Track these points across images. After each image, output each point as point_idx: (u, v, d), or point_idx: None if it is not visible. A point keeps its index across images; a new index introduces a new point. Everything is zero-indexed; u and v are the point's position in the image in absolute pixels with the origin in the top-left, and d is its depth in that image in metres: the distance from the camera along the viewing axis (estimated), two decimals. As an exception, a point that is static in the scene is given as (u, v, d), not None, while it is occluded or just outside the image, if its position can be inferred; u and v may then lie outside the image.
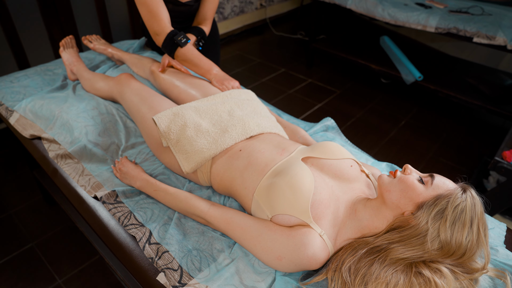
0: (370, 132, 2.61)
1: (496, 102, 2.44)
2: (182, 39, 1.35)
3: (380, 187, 0.87)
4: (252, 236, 0.88)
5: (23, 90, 1.54)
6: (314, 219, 0.84)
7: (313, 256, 0.81)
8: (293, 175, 0.88)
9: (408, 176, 0.84)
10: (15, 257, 1.67)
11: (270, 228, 0.87)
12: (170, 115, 1.15)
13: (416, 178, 0.84)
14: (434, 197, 0.80)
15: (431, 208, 0.78)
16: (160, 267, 0.90)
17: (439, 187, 0.82)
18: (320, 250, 0.81)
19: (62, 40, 1.64)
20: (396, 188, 0.84)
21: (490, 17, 2.41)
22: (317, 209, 0.85)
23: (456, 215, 0.76)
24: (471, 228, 0.76)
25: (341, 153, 0.98)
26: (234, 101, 1.21)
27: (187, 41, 1.35)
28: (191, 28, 1.56)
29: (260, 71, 3.37)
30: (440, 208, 0.77)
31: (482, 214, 0.79)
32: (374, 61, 2.94)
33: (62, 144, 1.26)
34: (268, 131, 1.13)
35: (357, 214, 0.87)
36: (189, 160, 1.08)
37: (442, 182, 0.83)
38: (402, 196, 0.82)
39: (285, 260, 0.83)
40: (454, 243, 0.75)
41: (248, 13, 4.05)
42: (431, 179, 0.83)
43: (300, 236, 0.82)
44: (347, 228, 0.87)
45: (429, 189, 0.82)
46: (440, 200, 0.79)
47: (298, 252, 0.81)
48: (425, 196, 0.81)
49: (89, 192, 1.11)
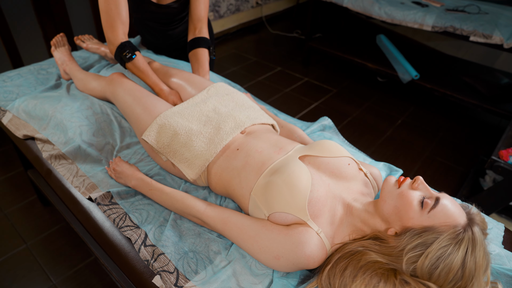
0: (366, 131, 2.61)
1: (492, 101, 2.45)
2: (127, 55, 1.33)
3: (381, 192, 0.85)
4: (249, 235, 0.88)
5: (16, 90, 1.51)
6: (311, 217, 0.84)
7: (311, 254, 0.80)
8: (290, 173, 0.88)
9: (410, 192, 0.79)
10: (9, 258, 1.65)
11: (268, 228, 0.86)
12: (157, 128, 1.14)
13: (418, 197, 0.78)
14: (422, 228, 0.75)
15: (414, 238, 0.74)
16: (156, 269, 0.89)
17: (436, 217, 0.75)
18: (317, 248, 0.81)
19: (53, 39, 1.62)
20: (392, 201, 0.80)
21: (487, 15, 2.41)
22: (314, 207, 0.85)
23: (438, 263, 0.70)
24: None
25: (339, 151, 0.97)
26: (215, 99, 1.21)
27: (131, 57, 1.33)
28: (198, 41, 1.53)
29: (256, 69, 3.36)
30: (424, 241, 0.72)
31: (481, 270, 0.70)
32: (371, 60, 2.94)
33: (56, 145, 1.24)
34: (259, 122, 1.14)
35: (353, 212, 0.87)
36: (191, 166, 1.07)
37: (443, 212, 0.75)
38: (393, 212, 0.80)
39: (283, 259, 0.82)
40: (430, 282, 0.70)
41: (244, 12, 4.04)
42: (434, 204, 0.76)
43: (297, 235, 0.81)
44: (344, 227, 0.86)
45: (423, 216, 0.76)
46: (428, 233, 0.73)
47: (296, 251, 0.80)
48: (414, 223, 0.76)
49: (83, 193, 1.09)
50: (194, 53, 1.51)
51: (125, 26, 1.34)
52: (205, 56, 1.50)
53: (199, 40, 1.52)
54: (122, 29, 1.33)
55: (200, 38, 1.52)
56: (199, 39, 1.52)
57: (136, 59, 1.34)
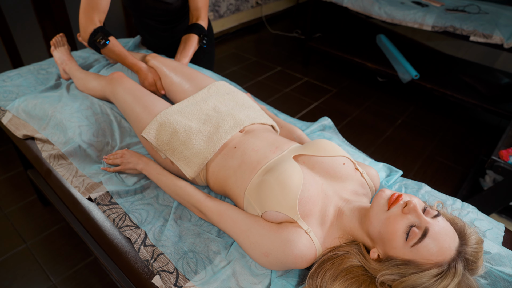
0: (366, 131, 2.61)
1: (493, 101, 2.45)
2: (101, 41, 1.34)
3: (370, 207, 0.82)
4: (241, 229, 0.88)
5: (16, 90, 1.51)
6: (301, 216, 0.84)
7: (299, 253, 0.80)
8: (282, 172, 0.88)
9: (397, 221, 0.75)
10: (9, 257, 1.65)
11: (259, 224, 0.87)
12: (156, 126, 1.14)
13: (404, 227, 0.74)
14: (403, 261, 0.73)
15: (393, 267, 0.72)
16: (155, 269, 0.89)
17: (419, 252, 0.71)
18: (306, 248, 0.80)
19: (53, 39, 1.62)
20: (377, 226, 0.78)
21: (487, 15, 2.41)
22: (304, 206, 0.85)
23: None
24: None
25: (334, 151, 0.97)
26: (215, 98, 1.21)
27: (105, 43, 1.34)
28: (190, 27, 1.55)
29: (256, 69, 3.35)
30: (402, 273, 0.71)
31: None
32: (371, 59, 2.94)
33: (55, 145, 1.24)
34: (258, 122, 1.14)
35: (343, 217, 0.87)
36: (190, 164, 1.07)
37: (427, 248, 0.71)
38: (378, 236, 0.78)
39: (271, 256, 0.82)
40: None
41: (244, 11, 4.03)
42: (420, 238, 0.71)
43: (286, 233, 0.82)
44: (334, 229, 0.86)
45: (406, 248, 0.73)
46: (407, 267, 0.71)
47: (284, 249, 0.80)
48: (396, 253, 0.74)
49: (83, 193, 1.09)
50: (184, 38, 1.54)
51: (101, 14, 1.35)
52: (192, 41, 1.51)
53: (192, 26, 1.55)
54: (98, 16, 1.34)
55: (194, 24, 1.54)
56: (192, 25, 1.55)
57: (111, 43, 1.35)
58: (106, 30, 1.34)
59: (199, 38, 1.55)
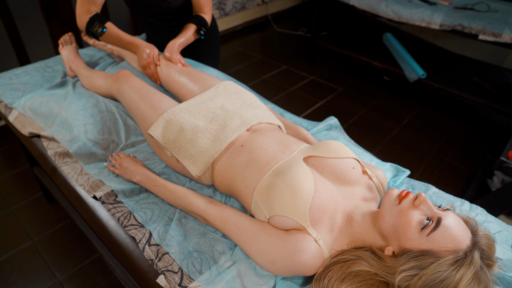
0: (372, 131, 2.59)
1: (501, 101, 2.41)
2: (98, 29, 1.37)
3: (381, 206, 0.82)
4: (247, 237, 0.87)
5: (22, 87, 1.52)
6: (311, 223, 0.82)
7: (307, 263, 0.79)
8: (293, 177, 0.86)
9: (410, 212, 0.75)
10: (15, 254, 1.66)
11: (266, 231, 0.85)
12: (163, 123, 1.13)
13: (418, 217, 0.74)
14: (420, 251, 0.72)
15: (411, 260, 0.71)
16: (160, 269, 0.88)
17: (436, 241, 0.72)
18: (314, 257, 0.79)
19: (61, 38, 1.63)
20: (391, 219, 0.77)
21: (496, 13, 2.37)
22: (315, 213, 0.83)
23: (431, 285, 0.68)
24: None
25: (345, 152, 0.96)
26: (223, 97, 1.21)
27: (103, 31, 1.37)
28: (191, 17, 1.57)
29: (262, 68, 3.34)
30: (420, 265, 0.70)
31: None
32: (377, 58, 2.91)
33: (61, 142, 1.24)
34: (265, 121, 1.13)
35: (352, 223, 0.85)
36: (196, 163, 1.06)
37: (443, 236, 0.71)
38: (391, 231, 0.77)
39: (278, 264, 0.81)
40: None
41: (249, 10, 4.02)
42: (434, 227, 0.72)
43: (295, 242, 0.80)
44: (343, 236, 0.85)
45: (422, 239, 0.73)
46: (425, 257, 0.71)
47: (292, 258, 0.79)
48: (412, 245, 0.73)
49: (88, 191, 1.09)
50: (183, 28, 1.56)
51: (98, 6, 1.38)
52: (188, 30, 1.53)
53: (192, 17, 1.57)
54: (94, 8, 1.37)
55: (195, 15, 1.56)
56: (193, 16, 1.57)
57: (108, 29, 1.38)
58: (101, 17, 1.38)
59: (197, 28, 1.56)
